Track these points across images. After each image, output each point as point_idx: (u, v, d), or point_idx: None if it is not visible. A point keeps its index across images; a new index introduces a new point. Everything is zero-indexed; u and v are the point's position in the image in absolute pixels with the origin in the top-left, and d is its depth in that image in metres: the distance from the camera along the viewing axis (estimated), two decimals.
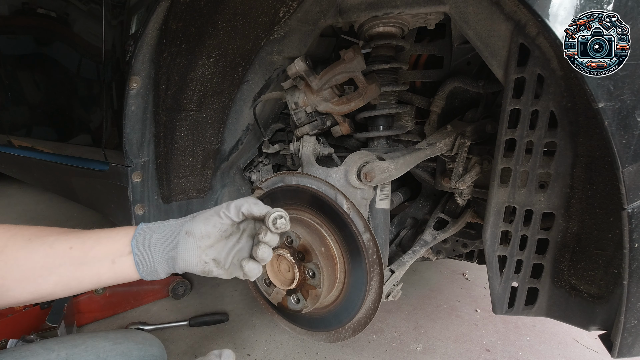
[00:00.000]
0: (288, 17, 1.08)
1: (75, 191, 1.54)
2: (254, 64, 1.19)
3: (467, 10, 0.87)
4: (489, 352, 1.58)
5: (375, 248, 0.87)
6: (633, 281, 0.72)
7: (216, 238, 0.64)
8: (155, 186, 1.18)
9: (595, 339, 1.69)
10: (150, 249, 0.62)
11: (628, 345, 0.78)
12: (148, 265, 0.63)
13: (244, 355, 1.51)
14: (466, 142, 1.07)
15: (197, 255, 0.63)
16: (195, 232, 0.63)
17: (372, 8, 0.97)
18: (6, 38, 1.58)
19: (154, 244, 0.63)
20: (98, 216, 2.85)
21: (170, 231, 0.64)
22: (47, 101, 1.52)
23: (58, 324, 1.35)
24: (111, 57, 1.04)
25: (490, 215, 0.94)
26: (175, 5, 0.88)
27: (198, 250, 0.63)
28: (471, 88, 1.11)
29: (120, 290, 1.73)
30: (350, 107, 1.10)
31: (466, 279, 2.20)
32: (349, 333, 0.97)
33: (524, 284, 0.94)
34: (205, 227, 0.63)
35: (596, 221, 0.83)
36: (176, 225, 0.64)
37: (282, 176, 1.00)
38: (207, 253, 0.64)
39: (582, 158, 0.80)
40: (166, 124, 1.10)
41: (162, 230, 0.64)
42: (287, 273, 0.91)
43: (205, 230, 0.63)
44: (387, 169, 0.96)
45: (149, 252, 0.62)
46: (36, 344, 0.78)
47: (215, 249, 0.65)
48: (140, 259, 0.62)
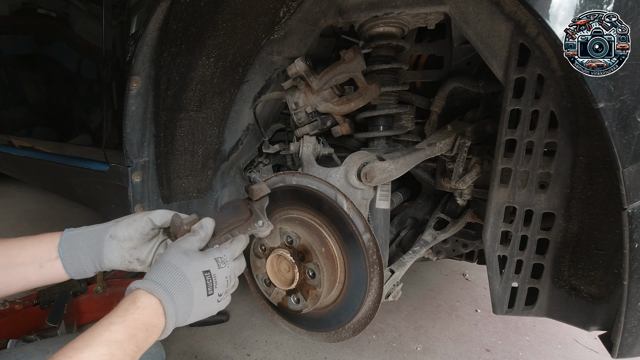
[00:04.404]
0: (288, 17, 1.08)
1: (75, 191, 1.54)
2: (254, 64, 1.19)
3: (467, 11, 0.87)
4: (489, 352, 1.58)
5: (375, 248, 0.87)
6: (633, 281, 0.72)
7: (138, 241, 0.72)
8: (156, 186, 1.18)
9: (595, 339, 1.69)
10: (78, 253, 0.69)
11: (628, 345, 0.78)
12: (77, 268, 0.70)
13: (244, 355, 1.51)
14: (466, 142, 1.07)
15: (121, 256, 0.70)
16: (119, 236, 0.70)
17: (372, 8, 0.97)
18: (6, 38, 1.58)
19: (80, 248, 0.69)
20: (98, 216, 2.86)
21: (95, 236, 0.70)
22: (47, 101, 1.52)
23: (58, 324, 1.35)
24: (111, 57, 1.04)
25: (490, 215, 0.94)
26: (176, 6, 0.88)
27: (121, 251, 0.70)
28: (471, 88, 1.11)
29: (120, 290, 1.73)
30: (351, 107, 1.10)
31: (466, 279, 2.20)
32: (349, 333, 0.97)
33: (524, 284, 0.94)
34: (128, 231, 0.70)
35: (596, 221, 0.83)
36: (100, 230, 0.71)
37: (283, 176, 1.00)
38: (131, 254, 0.71)
39: (582, 158, 0.80)
40: (166, 124, 1.10)
41: (87, 236, 0.70)
42: (287, 273, 0.91)
43: (127, 233, 0.70)
44: (387, 169, 0.96)
45: (77, 256, 0.69)
46: (31, 345, 0.79)
47: (138, 250, 0.72)
48: (68, 263, 0.69)
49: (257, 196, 0.81)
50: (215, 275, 0.64)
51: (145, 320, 0.54)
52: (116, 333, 0.51)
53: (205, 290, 0.62)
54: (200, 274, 0.62)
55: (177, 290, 0.58)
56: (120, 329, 0.52)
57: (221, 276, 0.65)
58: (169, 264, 0.61)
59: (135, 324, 0.53)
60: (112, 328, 0.51)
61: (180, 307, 0.58)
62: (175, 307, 0.57)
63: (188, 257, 0.62)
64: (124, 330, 0.52)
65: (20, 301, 1.53)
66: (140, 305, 0.55)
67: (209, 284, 0.63)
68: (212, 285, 0.63)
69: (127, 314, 0.54)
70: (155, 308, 0.56)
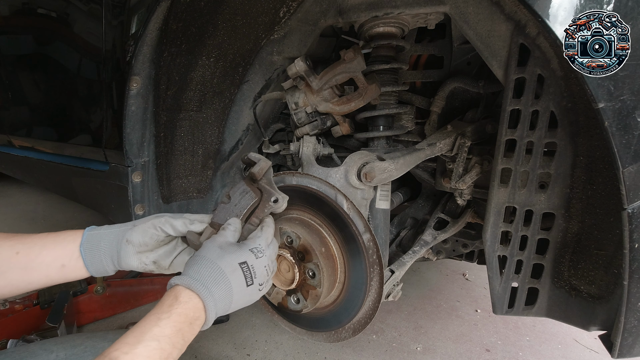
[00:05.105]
0: (288, 17, 1.08)
1: (75, 191, 1.54)
2: (254, 64, 1.19)
3: (467, 11, 0.87)
4: (489, 352, 1.58)
5: (375, 248, 0.87)
6: (633, 281, 0.72)
7: (154, 246, 0.73)
8: (156, 186, 1.18)
9: (595, 339, 1.69)
10: (99, 253, 0.71)
11: (628, 345, 0.78)
12: (98, 267, 0.72)
13: (244, 355, 1.51)
14: (466, 142, 1.07)
15: (138, 259, 0.72)
16: (134, 241, 0.71)
17: (372, 8, 0.97)
18: (7, 38, 1.58)
19: (101, 249, 0.71)
20: (98, 216, 2.85)
21: (115, 238, 0.72)
22: (48, 101, 1.52)
23: (58, 324, 1.35)
24: (111, 57, 1.04)
25: (490, 215, 0.94)
26: (176, 6, 0.88)
27: (137, 256, 0.72)
28: (471, 88, 1.11)
29: (121, 290, 1.73)
30: (351, 107, 1.10)
31: (466, 279, 2.20)
32: (349, 333, 0.97)
33: (524, 284, 0.94)
34: (143, 238, 0.72)
35: (596, 221, 0.83)
36: (119, 232, 0.73)
37: (283, 176, 1.00)
38: (148, 256, 0.73)
39: (582, 158, 0.80)
40: (166, 124, 1.10)
41: (107, 237, 0.72)
42: (287, 273, 0.91)
43: (142, 240, 0.72)
44: (387, 169, 0.96)
45: (98, 257, 0.71)
46: (35, 344, 0.79)
47: (155, 253, 0.74)
48: (90, 263, 0.71)
49: (260, 175, 0.78)
50: (252, 266, 0.65)
51: (189, 315, 0.57)
52: (164, 328, 0.53)
53: (244, 281, 0.64)
54: (236, 266, 0.63)
55: (214, 284, 0.60)
56: (167, 324, 0.54)
57: (259, 266, 0.66)
58: (205, 259, 0.63)
59: (180, 318, 0.55)
60: (160, 324, 0.54)
61: (219, 300, 0.60)
62: (214, 300, 0.59)
63: (223, 250, 0.64)
64: (171, 325, 0.54)
65: (20, 301, 1.53)
66: (182, 300, 0.57)
67: (247, 275, 0.64)
68: (251, 276, 0.65)
69: (172, 309, 0.56)
70: (195, 302, 0.58)
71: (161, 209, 1.22)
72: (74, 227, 0.77)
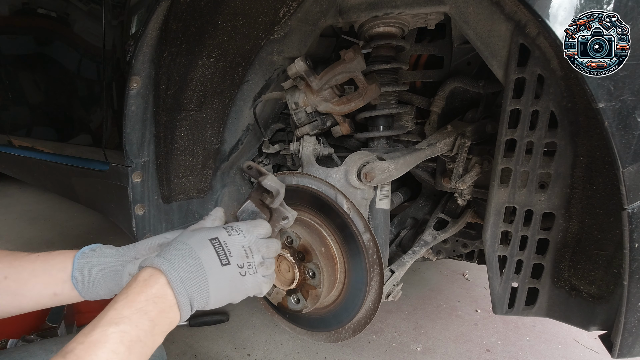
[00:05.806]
0: (288, 17, 1.08)
1: (75, 191, 1.54)
2: (254, 64, 1.19)
3: (467, 11, 0.87)
4: (489, 352, 1.58)
5: (375, 248, 0.87)
6: (633, 281, 0.72)
7: None
8: (156, 186, 1.18)
9: (595, 339, 1.69)
10: (94, 284, 0.66)
11: (628, 345, 0.77)
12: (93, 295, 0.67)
13: (244, 355, 1.51)
14: (466, 142, 1.07)
15: None
16: None
17: (372, 8, 0.97)
18: (6, 38, 1.58)
19: (96, 279, 0.66)
20: (98, 216, 2.86)
21: (111, 269, 0.66)
22: (48, 101, 1.52)
23: (58, 324, 1.35)
24: (111, 57, 1.04)
25: (490, 215, 0.94)
26: (176, 5, 0.88)
27: None
28: (471, 88, 1.11)
29: None
30: (351, 107, 1.10)
31: (466, 279, 2.20)
32: (349, 333, 0.97)
33: (524, 284, 0.94)
34: None
35: (596, 221, 0.83)
36: (117, 264, 0.67)
37: (282, 176, 1.00)
38: None
39: (582, 158, 0.80)
40: (166, 124, 1.10)
41: (102, 268, 0.66)
42: (287, 273, 0.91)
43: None
44: (387, 169, 0.96)
45: (93, 287, 0.66)
46: (35, 344, 0.79)
47: None
48: (85, 293, 0.67)
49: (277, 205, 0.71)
50: (225, 242, 0.59)
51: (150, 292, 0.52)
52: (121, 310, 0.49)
53: (217, 258, 0.57)
54: (206, 242, 0.58)
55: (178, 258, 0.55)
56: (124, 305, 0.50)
57: (234, 244, 0.60)
58: (174, 241, 0.59)
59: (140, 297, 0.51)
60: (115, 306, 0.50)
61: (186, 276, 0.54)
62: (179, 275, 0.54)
63: (194, 232, 0.60)
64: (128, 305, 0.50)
65: None
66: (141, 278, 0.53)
67: (220, 252, 0.58)
68: (225, 253, 0.58)
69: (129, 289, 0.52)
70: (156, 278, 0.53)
71: (161, 209, 1.22)
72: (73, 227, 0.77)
